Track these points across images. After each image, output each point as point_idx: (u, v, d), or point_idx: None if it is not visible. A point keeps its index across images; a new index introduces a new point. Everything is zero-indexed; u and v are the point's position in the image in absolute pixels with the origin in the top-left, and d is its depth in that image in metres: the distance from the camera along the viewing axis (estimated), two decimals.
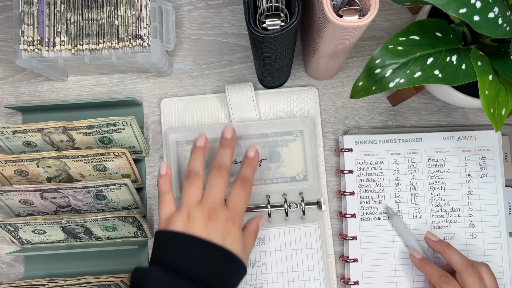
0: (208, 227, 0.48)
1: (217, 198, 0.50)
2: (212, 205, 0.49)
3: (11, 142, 0.62)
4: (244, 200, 0.51)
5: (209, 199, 0.50)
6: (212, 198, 0.50)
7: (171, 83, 0.66)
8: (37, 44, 0.58)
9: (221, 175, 0.51)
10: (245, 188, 0.52)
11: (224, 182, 0.51)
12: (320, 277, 0.60)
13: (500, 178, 0.61)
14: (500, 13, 0.42)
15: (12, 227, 0.61)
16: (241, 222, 0.50)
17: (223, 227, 0.48)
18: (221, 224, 0.48)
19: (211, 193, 0.50)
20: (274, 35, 0.45)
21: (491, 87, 0.46)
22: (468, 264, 0.53)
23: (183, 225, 0.48)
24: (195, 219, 0.48)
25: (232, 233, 0.48)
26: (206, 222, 0.48)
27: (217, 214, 0.49)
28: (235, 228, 0.49)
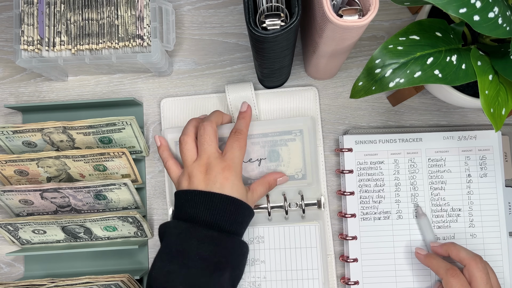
0: (207, 180, 0.53)
1: (210, 152, 0.54)
2: (206, 160, 0.54)
3: (11, 142, 0.62)
4: (238, 149, 0.55)
5: (202, 155, 0.54)
6: (205, 153, 0.54)
7: (171, 83, 0.66)
8: (37, 44, 0.58)
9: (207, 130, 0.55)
10: (238, 138, 0.56)
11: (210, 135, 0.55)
12: (319, 276, 0.60)
13: (500, 178, 0.61)
14: (500, 13, 0.42)
15: (12, 227, 0.61)
16: (238, 169, 0.54)
17: (220, 176, 0.53)
18: (218, 174, 0.53)
19: (203, 150, 0.55)
20: (274, 35, 0.45)
21: (491, 87, 0.46)
22: (477, 258, 0.53)
23: (188, 184, 0.54)
24: (194, 176, 0.54)
25: (229, 180, 0.53)
26: (205, 176, 0.53)
27: (212, 167, 0.53)
28: (231, 175, 0.53)
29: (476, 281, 0.52)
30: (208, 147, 0.55)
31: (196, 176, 0.54)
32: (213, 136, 0.55)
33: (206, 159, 0.54)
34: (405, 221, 0.61)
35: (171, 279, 0.49)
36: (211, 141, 0.55)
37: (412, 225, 0.61)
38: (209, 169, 0.53)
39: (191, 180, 0.54)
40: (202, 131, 0.56)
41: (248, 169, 0.61)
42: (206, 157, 0.54)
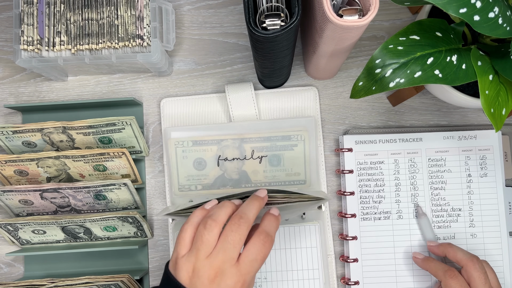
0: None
1: (228, 256, 0.44)
2: (221, 264, 0.44)
3: (11, 142, 0.62)
4: (261, 262, 0.45)
5: (219, 255, 0.44)
6: (223, 255, 0.44)
7: (171, 83, 0.66)
8: (37, 44, 0.58)
9: (240, 229, 0.45)
10: (265, 246, 0.45)
11: (241, 238, 0.45)
12: (320, 276, 0.60)
13: (500, 177, 0.61)
14: (500, 13, 0.42)
15: (12, 227, 0.61)
16: (251, 283, 0.45)
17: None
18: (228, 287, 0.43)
19: (223, 249, 0.44)
20: (274, 35, 0.45)
21: (491, 87, 0.46)
22: (474, 258, 0.53)
23: (188, 278, 0.44)
24: (199, 277, 0.44)
25: None
26: (210, 284, 0.43)
27: (224, 277, 0.43)
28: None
29: (475, 281, 0.52)
30: (231, 249, 0.44)
31: (202, 278, 0.43)
32: (242, 240, 0.45)
33: (221, 262, 0.44)
34: (405, 221, 0.61)
35: None
36: (237, 244, 0.44)
37: (412, 225, 0.61)
38: (219, 278, 0.43)
39: (194, 277, 0.44)
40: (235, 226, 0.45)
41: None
42: (222, 261, 0.44)
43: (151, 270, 0.64)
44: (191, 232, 0.46)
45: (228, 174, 0.62)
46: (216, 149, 0.62)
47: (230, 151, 0.62)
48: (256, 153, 0.62)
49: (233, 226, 0.45)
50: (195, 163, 0.62)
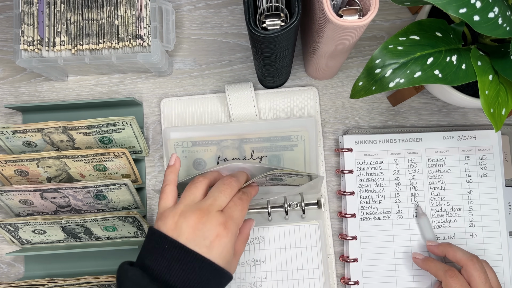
0: (197, 230, 0.45)
1: (217, 202, 0.47)
2: (208, 207, 0.46)
3: (11, 142, 0.62)
4: (241, 209, 0.48)
5: (208, 201, 0.47)
6: (212, 200, 0.47)
7: (171, 83, 0.66)
8: (37, 44, 0.58)
9: (231, 184, 0.49)
10: (242, 198, 0.49)
11: (230, 191, 0.49)
12: (320, 275, 0.60)
13: (500, 177, 0.61)
14: (500, 13, 0.42)
15: (12, 227, 0.61)
16: (235, 231, 0.47)
17: (213, 232, 0.45)
18: (212, 229, 0.45)
19: (212, 196, 0.48)
20: (274, 35, 0.45)
21: (491, 87, 0.46)
22: (474, 258, 0.53)
23: (173, 224, 0.46)
24: (186, 218, 0.46)
25: (221, 240, 0.45)
26: (196, 224, 0.45)
27: (210, 218, 0.46)
28: (226, 235, 0.46)
29: (475, 281, 0.52)
30: (220, 198, 0.47)
31: (188, 218, 0.45)
32: (232, 194, 0.49)
33: (209, 206, 0.47)
34: (405, 221, 0.61)
35: None
36: (227, 195, 0.48)
37: (412, 225, 0.61)
38: (205, 219, 0.45)
39: (179, 222, 0.45)
40: (227, 180, 0.49)
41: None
42: (210, 205, 0.47)
43: None
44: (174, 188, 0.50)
45: None
46: (216, 149, 0.62)
47: (229, 151, 0.62)
48: (256, 153, 0.62)
49: (226, 180, 0.49)
50: (194, 164, 0.62)
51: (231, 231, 0.46)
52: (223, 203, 0.48)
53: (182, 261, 0.44)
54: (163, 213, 0.47)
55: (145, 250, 0.46)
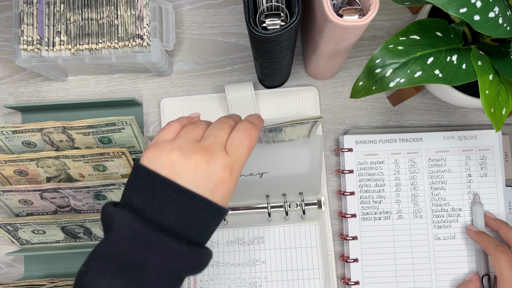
0: (199, 171, 0.39)
1: (218, 139, 0.41)
2: (211, 145, 0.40)
3: (11, 142, 0.62)
4: (247, 149, 0.42)
5: (208, 138, 0.41)
6: (214, 138, 0.41)
7: (171, 83, 0.66)
8: (37, 44, 0.58)
9: (228, 124, 0.43)
10: (250, 134, 0.43)
11: (229, 129, 0.43)
12: (320, 276, 0.60)
13: (500, 177, 0.61)
14: (500, 13, 0.42)
15: (11, 227, 0.61)
16: (239, 173, 0.41)
17: (217, 175, 0.39)
18: (216, 171, 0.39)
19: (212, 134, 0.41)
20: (274, 34, 0.45)
21: (491, 87, 0.46)
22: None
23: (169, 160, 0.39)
24: (187, 156, 0.39)
25: (225, 185, 0.40)
26: (199, 164, 0.39)
27: (214, 157, 0.39)
28: (231, 180, 0.40)
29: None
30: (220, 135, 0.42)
31: (189, 157, 0.39)
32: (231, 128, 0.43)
33: (210, 144, 0.40)
34: (406, 221, 0.61)
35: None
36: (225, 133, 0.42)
37: (412, 225, 0.61)
38: (210, 158, 0.39)
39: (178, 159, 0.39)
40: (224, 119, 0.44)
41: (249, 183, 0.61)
42: (212, 142, 0.41)
43: None
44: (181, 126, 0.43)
45: None
46: None
47: None
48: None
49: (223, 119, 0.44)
50: None
51: (237, 175, 0.41)
52: (224, 139, 0.42)
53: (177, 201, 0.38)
54: (158, 145, 0.40)
55: (131, 189, 0.39)
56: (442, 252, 0.60)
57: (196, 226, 0.39)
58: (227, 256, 0.61)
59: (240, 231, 0.61)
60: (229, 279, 0.60)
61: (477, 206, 0.60)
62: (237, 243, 0.61)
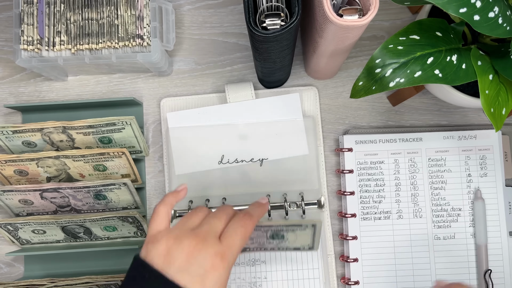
0: (191, 258, 0.41)
1: (213, 228, 0.44)
2: (205, 234, 0.43)
3: (11, 142, 0.62)
4: (241, 237, 0.44)
5: (203, 226, 0.44)
6: (208, 226, 0.44)
7: (171, 83, 0.66)
8: (37, 44, 0.58)
9: (225, 213, 0.46)
10: (245, 224, 0.45)
11: (225, 218, 0.46)
12: (320, 275, 0.60)
13: (500, 177, 0.61)
14: (500, 13, 0.42)
15: (12, 227, 0.61)
16: (232, 262, 0.43)
17: (209, 262, 0.41)
18: (207, 258, 0.41)
19: (208, 222, 0.44)
20: (274, 34, 0.45)
21: (491, 87, 0.46)
22: None
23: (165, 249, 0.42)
24: (181, 244, 0.42)
25: (217, 272, 0.41)
26: (191, 251, 0.41)
27: (206, 245, 0.42)
28: (222, 267, 0.42)
29: None
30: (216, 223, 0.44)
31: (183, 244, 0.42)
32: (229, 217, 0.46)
33: (205, 233, 0.43)
34: (406, 221, 0.61)
35: None
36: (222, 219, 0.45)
37: (412, 225, 0.61)
38: (201, 246, 0.42)
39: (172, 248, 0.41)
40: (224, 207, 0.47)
41: (250, 169, 0.61)
42: (206, 232, 0.43)
43: None
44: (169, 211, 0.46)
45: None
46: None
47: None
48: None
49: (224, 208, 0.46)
50: None
51: (228, 263, 0.42)
52: (219, 229, 0.44)
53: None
54: (156, 236, 0.43)
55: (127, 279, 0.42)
56: (442, 252, 0.60)
57: None
58: None
59: None
60: (229, 279, 0.60)
61: (478, 201, 0.60)
62: None
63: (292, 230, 0.53)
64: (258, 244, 0.56)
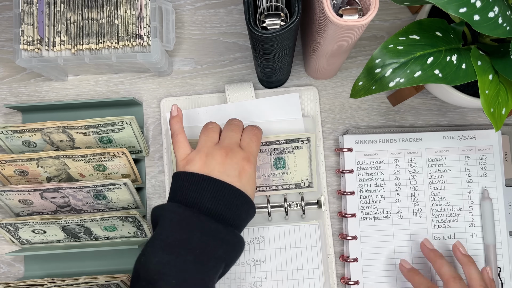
0: (226, 164, 0.50)
1: (233, 140, 0.53)
2: (229, 145, 0.52)
3: (11, 142, 0.62)
4: (256, 143, 0.54)
5: (225, 140, 0.52)
6: (229, 139, 0.52)
7: (171, 83, 0.66)
8: (37, 44, 0.58)
9: (237, 124, 0.55)
10: (255, 133, 0.54)
11: (239, 130, 0.54)
12: (320, 275, 0.60)
13: (500, 177, 0.61)
14: (500, 13, 0.42)
15: (12, 226, 0.61)
16: (255, 162, 0.53)
17: (239, 165, 0.51)
18: (238, 162, 0.51)
19: (228, 136, 0.53)
20: (274, 34, 0.45)
21: (491, 87, 0.46)
22: (456, 277, 0.53)
23: (202, 164, 0.50)
24: (214, 156, 0.51)
25: (247, 172, 0.51)
26: (224, 160, 0.50)
27: (234, 153, 0.51)
28: (250, 168, 0.51)
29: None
30: (234, 136, 0.53)
31: (215, 157, 0.51)
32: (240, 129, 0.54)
33: (229, 144, 0.52)
34: (405, 221, 0.61)
35: (165, 271, 0.44)
36: (237, 131, 0.54)
37: (412, 225, 0.61)
38: (230, 154, 0.51)
39: (207, 161, 0.50)
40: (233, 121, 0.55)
41: None
42: (229, 143, 0.52)
43: None
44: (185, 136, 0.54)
45: None
46: None
47: None
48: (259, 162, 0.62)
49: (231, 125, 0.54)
50: None
51: (253, 164, 0.52)
52: (238, 139, 0.53)
53: (212, 190, 0.49)
54: (188, 157, 0.52)
55: (174, 191, 0.51)
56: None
57: (229, 210, 0.49)
58: None
59: None
60: (229, 279, 0.60)
61: (486, 201, 0.60)
62: None
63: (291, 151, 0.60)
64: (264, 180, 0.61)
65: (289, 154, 0.61)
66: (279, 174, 0.61)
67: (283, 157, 0.61)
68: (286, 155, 0.61)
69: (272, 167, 0.61)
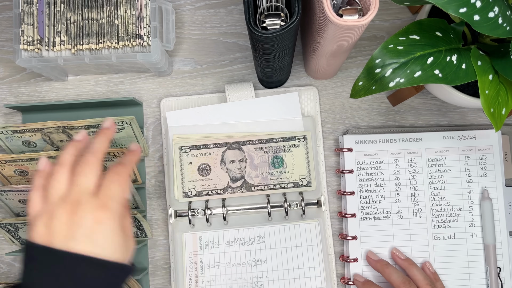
0: (71, 222, 0.39)
1: (83, 189, 0.40)
2: (76, 196, 0.40)
3: (11, 142, 0.62)
4: (118, 184, 0.41)
5: (73, 189, 0.40)
6: (78, 189, 0.40)
7: (171, 83, 0.66)
8: (37, 44, 0.58)
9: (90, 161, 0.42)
10: (118, 171, 0.42)
11: (94, 168, 0.42)
12: (321, 274, 0.60)
13: (500, 177, 0.61)
14: (500, 13, 0.42)
15: (12, 227, 0.61)
16: (117, 209, 0.40)
17: (90, 218, 0.39)
18: (88, 215, 0.39)
19: (76, 184, 0.40)
20: (274, 34, 0.45)
21: (491, 87, 0.46)
22: (406, 281, 0.55)
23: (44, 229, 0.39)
24: (55, 217, 0.39)
25: (103, 225, 0.39)
26: (70, 217, 0.39)
27: (82, 204, 0.39)
28: (106, 217, 0.39)
29: None
30: (83, 180, 0.40)
31: (58, 217, 0.39)
32: (94, 168, 0.41)
33: (76, 194, 0.40)
34: (405, 221, 0.61)
35: None
36: (88, 173, 0.41)
37: (412, 225, 0.61)
38: (78, 208, 0.39)
39: (50, 223, 0.39)
40: (84, 159, 0.42)
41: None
42: (77, 193, 0.40)
43: (151, 270, 0.64)
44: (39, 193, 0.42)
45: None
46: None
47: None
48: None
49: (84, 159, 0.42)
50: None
51: (112, 211, 0.40)
52: (91, 183, 0.41)
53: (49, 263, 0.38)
54: (31, 221, 0.41)
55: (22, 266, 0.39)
56: (442, 252, 0.60)
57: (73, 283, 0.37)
58: (228, 257, 0.61)
59: (240, 231, 0.61)
60: (230, 279, 0.60)
61: (486, 201, 0.60)
62: (238, 243, 0.61)
63: (289, 150, 0.59)
64: (262, 179, 0.60)
65: (286, 152, 0.61)
66: (277, 173, 0.61)
67: (281, 155, 0.61)
68: (283, 154, 0.61)
69: (270, 166, 0.61)
